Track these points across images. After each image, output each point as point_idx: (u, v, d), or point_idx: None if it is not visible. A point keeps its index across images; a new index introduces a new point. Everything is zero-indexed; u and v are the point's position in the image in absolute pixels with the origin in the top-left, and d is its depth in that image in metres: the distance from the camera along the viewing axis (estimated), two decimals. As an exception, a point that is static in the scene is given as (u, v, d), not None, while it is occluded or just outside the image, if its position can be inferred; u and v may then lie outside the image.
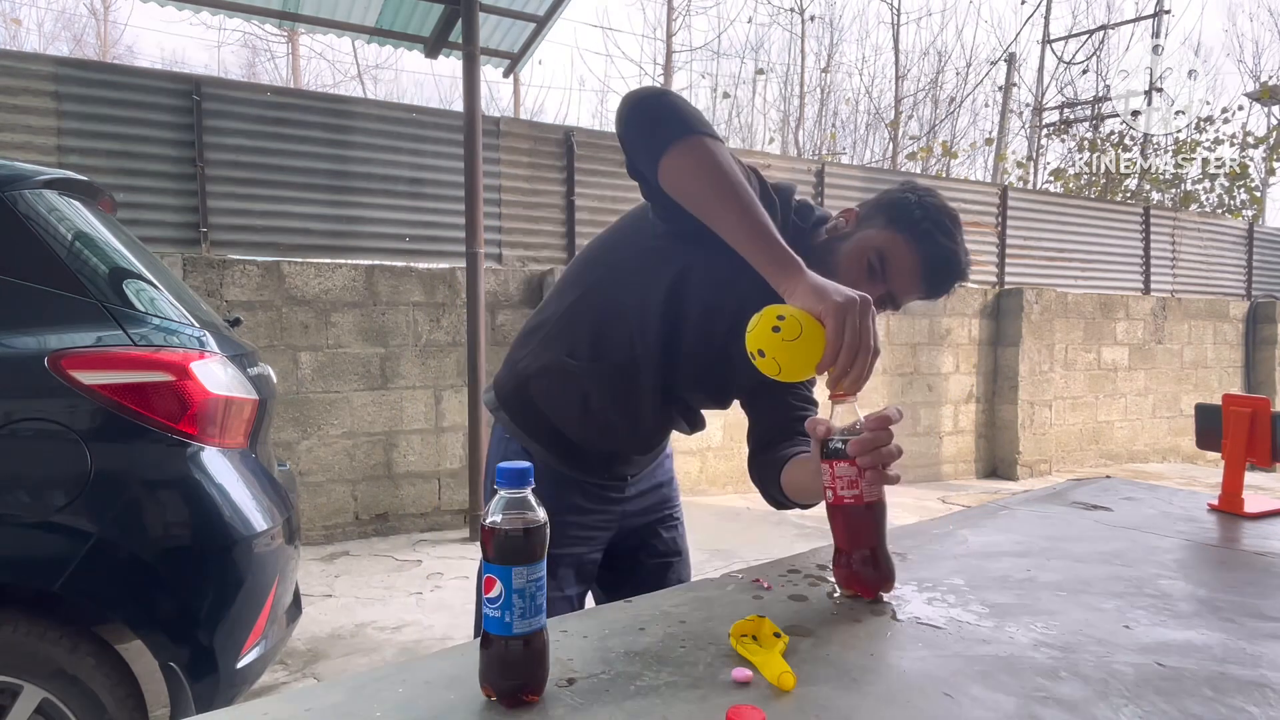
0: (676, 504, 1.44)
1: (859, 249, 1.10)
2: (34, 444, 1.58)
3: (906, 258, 1.09)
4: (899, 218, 1.10)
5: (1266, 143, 13.83)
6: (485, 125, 4.83)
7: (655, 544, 1.39)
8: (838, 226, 1.15)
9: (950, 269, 1.11)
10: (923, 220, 1.09)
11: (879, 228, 1.10)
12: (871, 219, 1.12)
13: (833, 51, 16.82)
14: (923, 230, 1.08)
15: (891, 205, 1.12)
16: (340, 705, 0.66)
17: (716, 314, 1.14)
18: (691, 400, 1.26)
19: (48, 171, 1.80)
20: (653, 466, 1.38)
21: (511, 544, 0.65)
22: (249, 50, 17.13)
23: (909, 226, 1.09)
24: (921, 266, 1.09)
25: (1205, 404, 1.43)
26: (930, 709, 0.66)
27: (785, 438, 1.21)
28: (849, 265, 1.10)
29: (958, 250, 1.11)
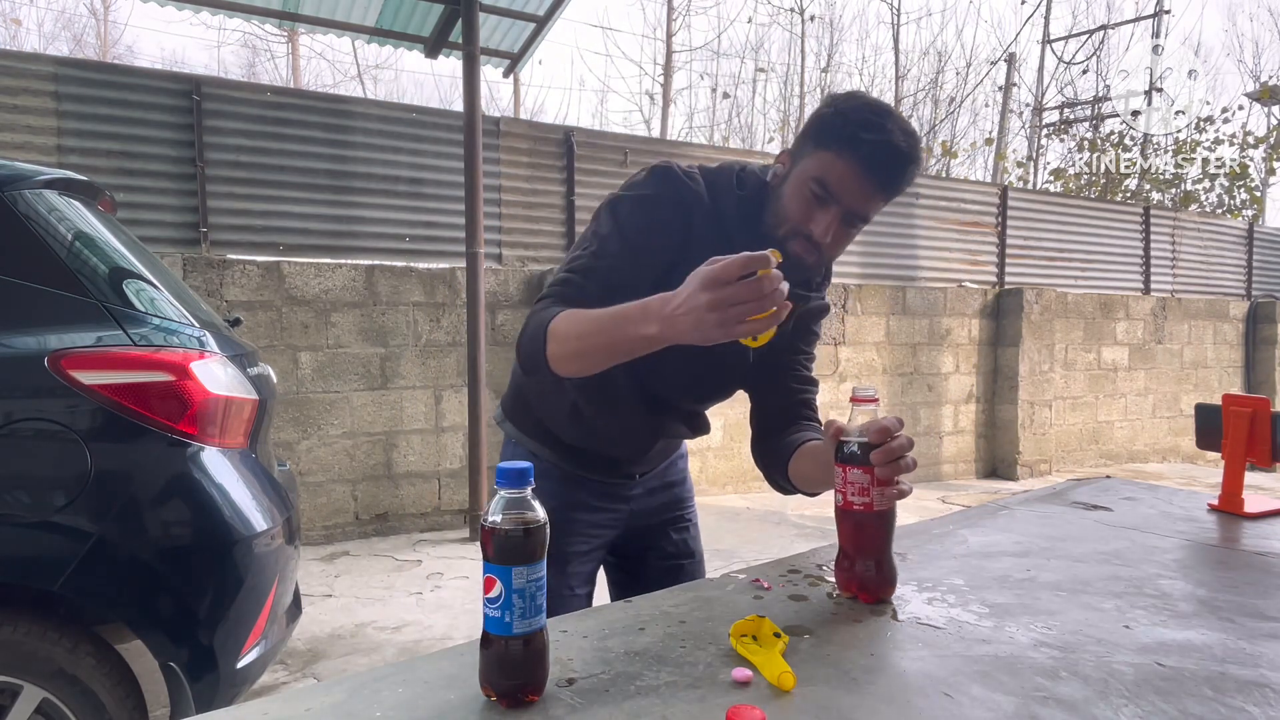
0: (689, 505, 1.43)
1: (798, 184, 1.06)
2: (34, 444, 1.58)
3: (843, 171, 1.03)
4: (823, 136, 1.05)
5: (1266, 143, 13.83)
6: (485, 125, 4.83)
7: (665, 545, 1.38)
8: (777, 172, 1.12)
9: (892, 160, 1.03)
10: (845, 127, 1.03)
11: (809, 155, 1.06)
12: (801, 150, 1.08)
13: (833, 51, 16.80)
14: (848, 136, 1.02)
15: (813, 127, 1.07)
16: (340, 705, 0.66)
17: None
18: (683, 405, 1.25)
19: (48, 171, 1.80)
20: (664, 465, 1.37)
21: (511, 544, 0.65)
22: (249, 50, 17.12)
23: (834, 139, 1.03)
24: (861, 172, 1.03)
25: (1205, 404, 1.43)
26: (930, 709, 0.66)
27: (790, 422, 1.22)
28: (794, 204, 1.06)
29: (892, 138, 1.02)
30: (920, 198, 6.88)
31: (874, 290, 6.39)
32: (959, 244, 7.11)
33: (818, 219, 1.05)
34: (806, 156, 1.06)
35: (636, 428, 1.22)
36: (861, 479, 0.89)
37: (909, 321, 6.52)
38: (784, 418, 1.23)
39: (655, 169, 1.12)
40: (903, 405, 6.50)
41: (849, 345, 6.26)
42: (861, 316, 6.31)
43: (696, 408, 1.28)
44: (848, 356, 6.26)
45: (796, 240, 1.06)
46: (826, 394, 6.17)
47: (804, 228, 1.05)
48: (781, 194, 1.08)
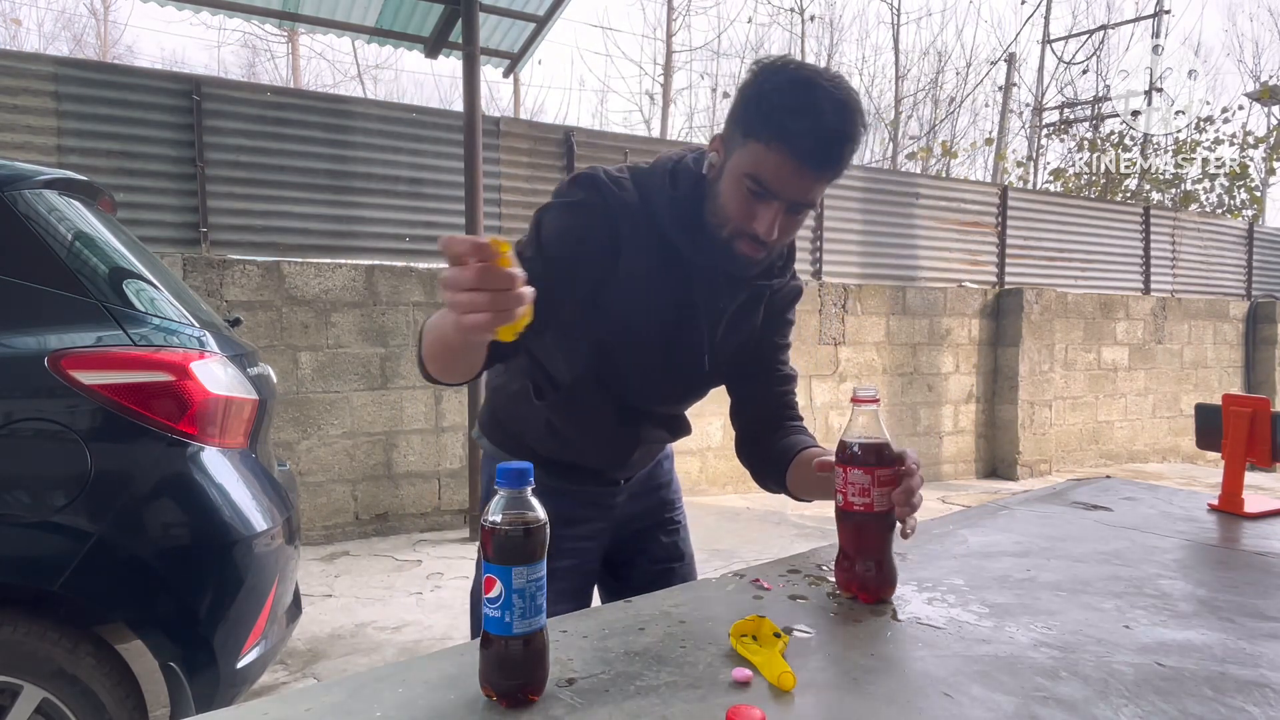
0: (677, 507, 1.40)
1: (733, 181, 0.98)
2: (34, 444, 1.58)
3: (777, 164, 0.94)
4: (750, 123, 0.96)
5: (1266, 143, 13.83)
6: (485, 125, 4.83)
7: (654, 550, 1.35)
8: (712, 162, 1.04)
9: (828, 145, 0.94)
10: (771, 114, 0.93)
11: (739, 146, 0.97)
12: (731, 137, 1.00)
13: (833, 51, 16.82)
14: (775, 125, 0.93)
15: (739, 110, 0.98)
16: (340, 705, 0.66)
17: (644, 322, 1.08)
18: (656, 410, 1.22)
19: (48, 171, 1.80)
20: (650, 468, 1.34)
21: (511, 544, 0.65)
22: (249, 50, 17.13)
23: (761, 128, 0.94)
24: (796, 163, 0.94)
25: (1205, 404, 1.43)
26: (930, 709, 0.66)
27: (775, 424, 1.21)
28: (733, 203, 0.99)
29: (824, 120, 0.92)
30: (920, 198, 6.89)
31: (874, 290, 6.39)
32: (959, 244, 7.11)
33: (760, 216, 0.98)
34: (737, 148, 0.98)
35: (613, 437, 1.19)
36: (862, 479, 0.89)
37: (909, 321, 6.52)
38: (768, 420, 1.22)
39: (579, 177, 1.06)
40: (903, 405, 6.50)
41: (849, 345, 6.26)
42: (861, 316, 6.31)
43: (670, 411, 1.25)
44: (848, 356, 6.26)
45: (742, 240, 1.01)
46: (826, 394, 6.17)
47: (747, 227, 0.99)
48: (718, 190, 1.01)
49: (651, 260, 1.06)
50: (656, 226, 1.05)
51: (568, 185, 1.06)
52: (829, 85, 0.93)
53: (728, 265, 1.06)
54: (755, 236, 1.00)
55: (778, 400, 1.22)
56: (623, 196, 1.04)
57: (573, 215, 1.04)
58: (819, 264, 6.41)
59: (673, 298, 1.08)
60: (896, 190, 6.84)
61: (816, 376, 6.13)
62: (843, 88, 0.94)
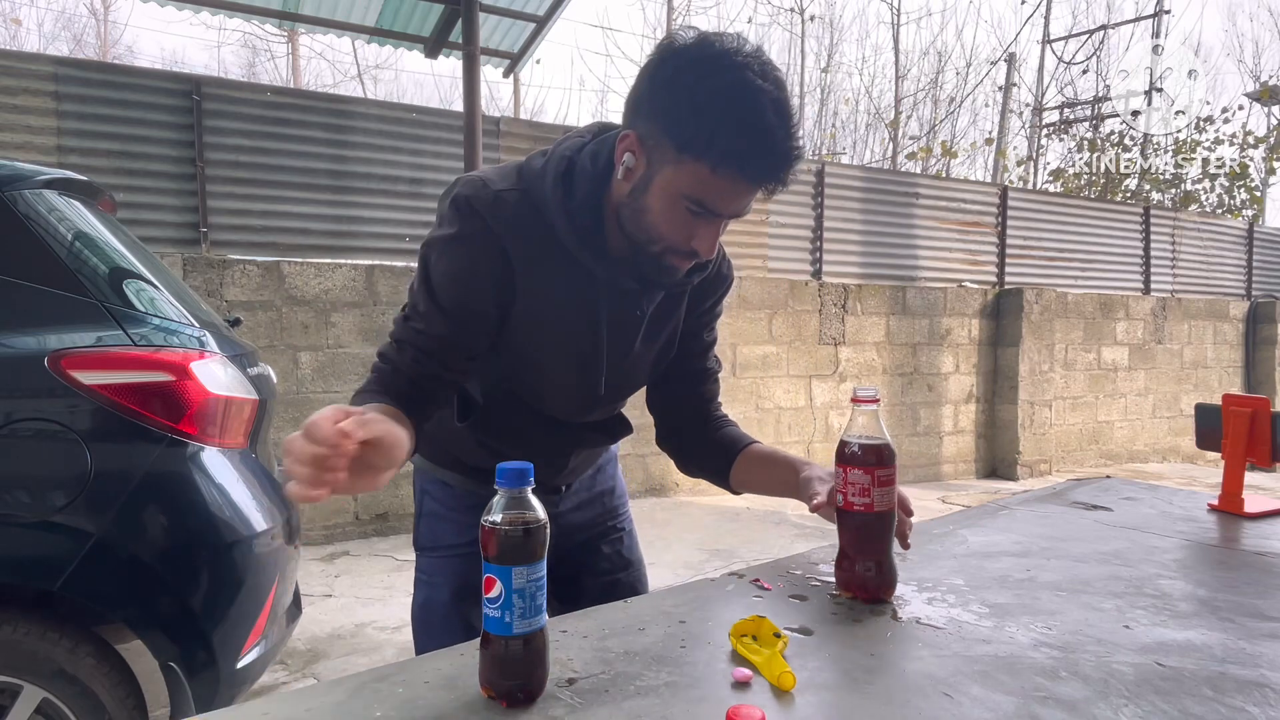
0: (622, 513, 1.33)
1: (669, 198, 0.89)
2: (34, 444, 1.58)
3: (725, 185, 0.86)
4: (687, 139, 0.85)
5: (1266, 143, 13.82)
6: (485, 125, 4.83)
7: (598, 562, 1.27)
8: (629, 169, 0.92)
9: (780, 165, 0.87)
10: (715, 134, 0.83)
11: (672, 162, 0.87)
12: (658, 146, 0.88)
13: (833, 51, 16.82)
14: (723, 147, 0.84)
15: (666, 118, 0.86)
16: (340, 705, 0.66)
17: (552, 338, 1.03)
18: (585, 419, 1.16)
19: (48, 171, 1.80)
20: (591, 474, 1.27)
21: (511, 544, 0.65)
22: (249, 50, 17.13)
23: (704, 148, 0.84)
24: (745, 184, 0.88)
25: (1205, 404, 1.43)
26: (930, 709, 0.66)
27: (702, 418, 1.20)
28: (669, 219, 0.90)
29: (775, 139, 0.84)
30: (920, 198, 6.89)
31: (874, 290, 6.39)
32: (959, 244, 7.11)
33: (701, 235, 0.91)
34: (670, 164, 0.87)
35: (544, 447, 1.12)
36: (862, 479, 0.89)
37: (909, 321, 6.52)
38: (693, 415, 1.20)
39: (457, 202, 0.95)
40: (903, 405, 6.50)
41: (849, 345, 6.26)
42: (861, 316, 6.31)
43: (598, 418, 1.17)
44: (848, 356, 6.26)
45: (675, 255, 0.94)
46: (826, 394, 6.18)
47: (684, 246, 0.92)
48: (645, 205, 0.91)
49: (552, 276, 0.99)
50: (555, 238, 0.97)
51: (447, 212, 0.97)
52: (767, 86, 0.84)
53: (653, 276, 0.99)
54: (693, 253, 0.93)
55: (702, 397, 1.20)
56: (507, 214, 0.95)
57: (457, 252, 0.96)
58: (819, 264, 6.41)
59: (579, 311, 1.02)
60: (896, 190, 6.84)
61: (816, 376, 6.13)
62: (775, 79, 0.85)
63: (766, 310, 5.86)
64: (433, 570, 1.18)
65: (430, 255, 0.98)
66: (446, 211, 0.97)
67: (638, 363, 1.11)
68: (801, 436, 6.07)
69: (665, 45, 0.88)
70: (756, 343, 5.84)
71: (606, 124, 1.05)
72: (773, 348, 5.92)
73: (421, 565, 1.21)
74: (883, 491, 0.89)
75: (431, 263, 0.97)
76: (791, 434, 6.02)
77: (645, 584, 1.32)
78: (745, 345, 5.80)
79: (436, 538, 1.19)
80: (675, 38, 0.88)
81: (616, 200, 0.95)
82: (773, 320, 5.91)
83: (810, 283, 6.13)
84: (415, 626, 1.19)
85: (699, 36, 0.87)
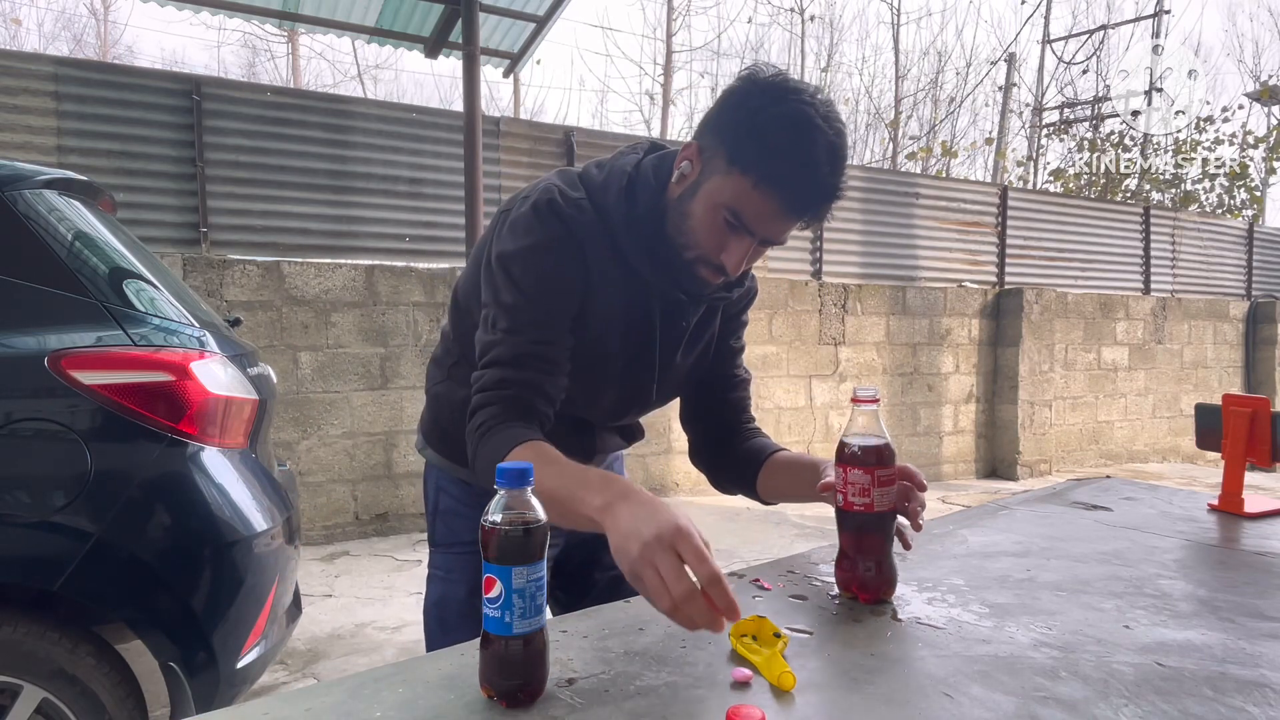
0: None
1: (710, 206, 0.94)
2: (34, 444, 1.58)
3: (762, 206, 0.91)
4: (739, 153, 0.90)
5: (1266, 143, 13.83)
6: (485, 125, 4.83)
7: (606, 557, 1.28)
8: (684, 172, 0.97)
9: (820, 198, 0.92)
10: (766, 155, 0.88)
11: (721, 173, 0.92)
12: (714, 156, 0.93)
13: (833, 51, 16.83)
14: (769, 169, 0.89)
15: (728, 132, 0.92)
16: (340, 705, 0.66)
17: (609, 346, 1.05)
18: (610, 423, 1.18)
19: (48, 171, 1.80)
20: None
21: (511, 544, 0.65)
22: (249, 50, 17.13)
23: (752, 165, 0.89)
24: (783, 210, 0.92)
25: (1205, 404, 1.43)
26: (930, 709, 0.66)
27: (734, 429, 1.21)
28: (706, 226, 0.95)
29: (820, 173, 0.89)
30: (920, 198, 6.89)
31: (874, 290, 6.39)
32: (959, 244, 7.11)
33: (731, 250, 0.95)
34: (719, 174, 0.92)
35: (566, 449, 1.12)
36: (862, 479, 0.89)
37: (909, 321, 6.52)
38: (726, 425, 1.21)
39: (539, 209, 0.99)
40: (903, 405, 6.50)
41: (849, 345, 6.26)
42: (861, 316, 6.32)
43: (624, 423, 1.20)
44: (848, 356, 6.26)
45: (705, 267, 0.98)
46: (826, 394, 6.17)
47: (714, 258, 0.96)
48: (689, 210, 0.96)
49: (615, 284, 1.03)
50: (617, 247, 1.01)
51: (531, 219, 0.99)
52: (826, 128, 0.89)
53: (686, 285, 1.02)
54: (720, 267, 0.97)
55: (734, 405, 1.21)
56: (583, 220, 0.99)
57: (543, 259, 0.98)
58: (819, 264, 6.41)
59: (635, 320, 1.06)
60: (896, 190, 6.84)
61: (816, 376, 6.14)
62: (836, 128, 0.90)
63: (766, 310, 5.86)
64: (449, 566, 1.19)
65: (514, 268, 0.99)
66: (525, 218, 0.99)
67: (678, 373, 1.14)
68: (801, 436, 6.07)
69: (747, 74, 0.94)
70: (756, 343, 5.84)
71: (658, 142, 1.11)
72: (773, 348, 5.93)
73: (437, 561, 1.21)
74: (883, 491, 0.89)
75: (518, 275, 0.98)
76: (791, 434, 6.02)
77: None
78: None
79: (454, 534, 1.20)
80: (758, 69, 0.94)
81: (668, 205, 1.00)
82: (773, 320, 5.91)
83: (810, 283, 6.14)
84: (429, 622, 1.19)
85: (779, 72, 0.93)
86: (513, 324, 0.99)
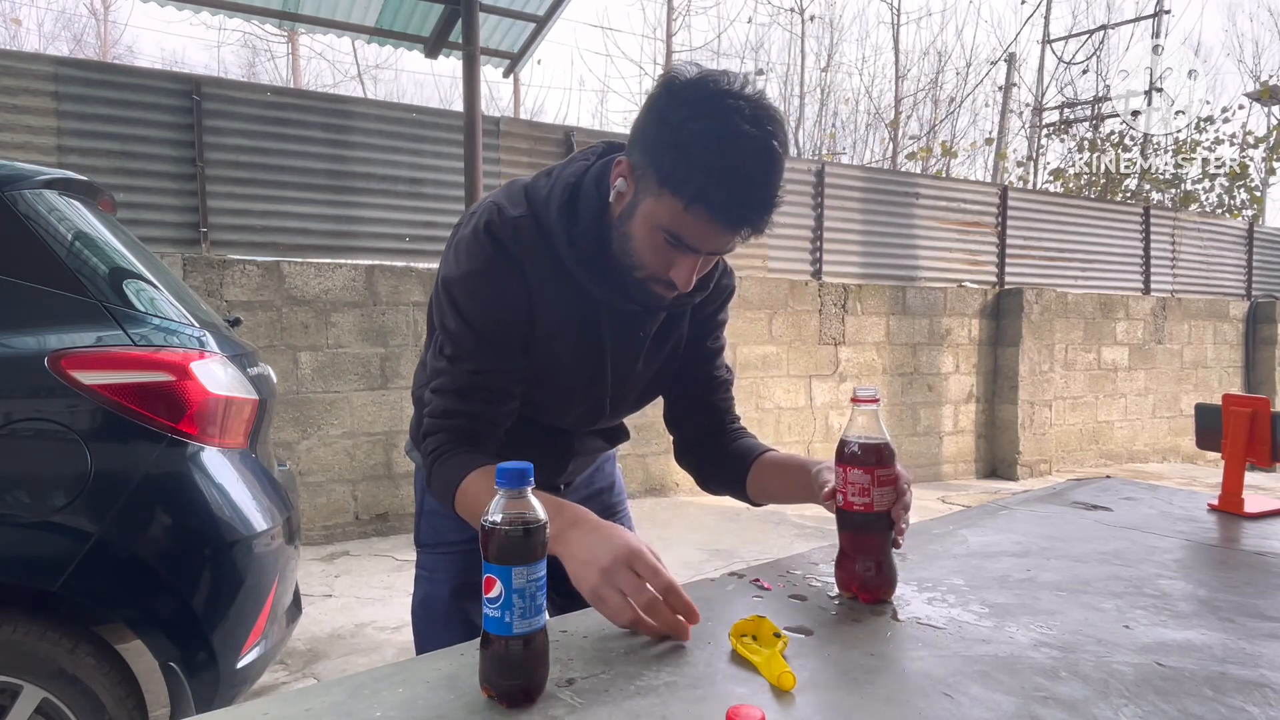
0: (620, 510, 1.35)
1: (648, 228, 0.91)
2: (34, 444, 1.58)
3: (698, 225, 0.88)
4: (666, 174, 0.86)
5: (1266, 143, 13.83)
6: (485, 125, 4.83)
7: None
8: (620, 193, 0.95)
9: (753, 212, 0.88)
10: (692, 172, 0.84)
11: (653, 194, 0.89)
12: (644, 176, 0.90)
13: (833, 51, 16.82)
14: (696, 187, 0.85)
15: (654, 152, 0.88)
16: (340, 705, 0.66)
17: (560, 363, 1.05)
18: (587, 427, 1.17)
19: (48, 171, 1.80)
20: (590, 472, 1.29)
21: (511, 544, 0.65)
22: (249, 50, 17.13)
23: (680, 186, 0.85)
24: (718, 228, 0.88)
25: (1205, 404, 1.43)
26: (930, 709, 0.66)
27: (718, 429, 1.20)
28: (649, 247, 0.92)
29: (751, 188, 0.86)
30: (920, 198, 6.89)
31: (874, 290, 6.39)
32: (959, 244, 7.11)
33: (678, 267, 0.93)
34: (651, 195, 0.89)
35: (545, 452, 1.13)
36: (862, 479, 0.89)
37: (909, 321, 6.52)
38: (709, 427, 1.21)
39: (479, 232, 0.97)
40: (903, 405, 6.50)
41: (849, 345, 6.26)
42: (861, 316, 6.32)
43: (602, 426, 1.19)
44: (848, 356, 6.26)
45: (657, 284, 0.96)
46: (826, 394, 6.17)
47: (663, 275, 0.94)
48: (630, 231, 0.93)
49: (560, 301, 1.01)
50: (559, 263, 0.99)
51: (471, 242, 0.98)
52: (755, 133, 0.84)
53: (640, 299, 1.01)
54: (672, 283, 0.95)
55: (715, 407, 1.21)
56: (523, 241, 0.97)
57: (483, 285, 0.97)
58: (819, 264, 6.41)
59: (584, 335, 1.04)
60: (896, 190, 6.84)
61: (816, 376, 6.14)
62: (767, 129, 0.85)
63: (766, 310, 5.86)
64: (434, 566, 1.19)
65: (456, 294, 0.98)
66: (465, 241, 0.98)
67: (639, 382, 1.13)
68: (801, 436, 6.07)
69: (666, 79, 0.89)
70: (756, 343, 5.84)
71: (613, 143, 1.06)
72: (773, 348, 5.93)
73: (422, 561, 1.22)
74: (883, 491, 0.89)
75: (460, 302, 0.98)
76: (791, 434, 6.02)
77: None
78: (745, 345, 5.80)
79: (438, 534, 1.20)
80: (676, 73, 0.89)
81: (611, 222, 0.97)
82: (773, 320, 5.91)
83: (810, 283, 6.14)
84: (415, 622, 1.20)
85: (698, 75, 0.88)
86: (456, 351, 0.99)
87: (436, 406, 1.01)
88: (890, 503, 0.90)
